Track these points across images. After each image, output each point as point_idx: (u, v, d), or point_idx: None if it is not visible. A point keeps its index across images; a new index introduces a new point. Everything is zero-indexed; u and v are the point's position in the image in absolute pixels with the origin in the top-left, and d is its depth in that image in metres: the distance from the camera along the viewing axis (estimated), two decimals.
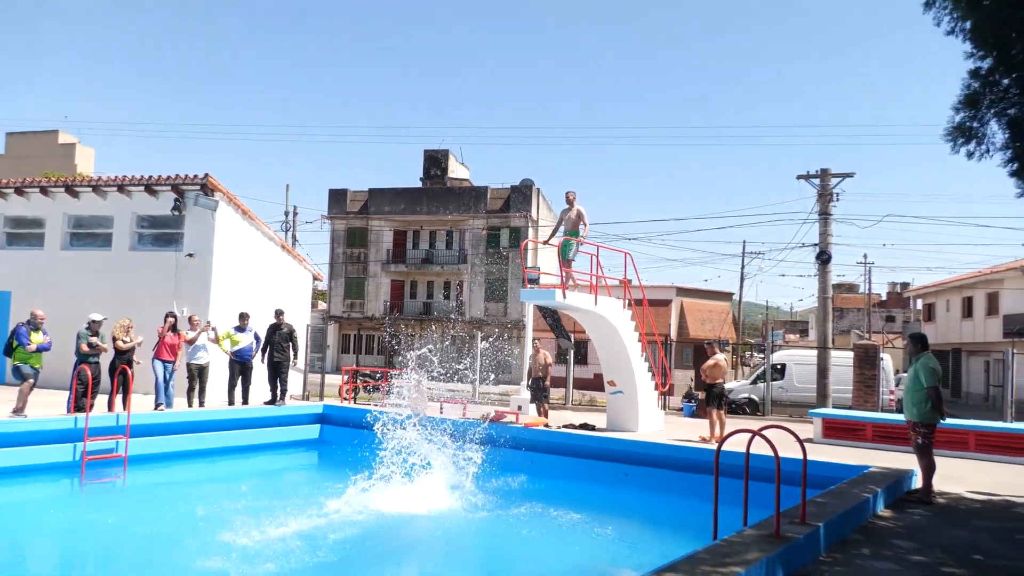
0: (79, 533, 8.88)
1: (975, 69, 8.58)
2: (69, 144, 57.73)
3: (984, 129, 8.67)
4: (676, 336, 39.35)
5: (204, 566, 7.40)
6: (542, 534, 8.99)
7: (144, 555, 7.86)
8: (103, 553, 8.09)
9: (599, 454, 12.36)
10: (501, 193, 44.23)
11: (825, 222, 23.78)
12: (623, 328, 13.91)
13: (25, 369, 11.87)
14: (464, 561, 7.86)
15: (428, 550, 8.19)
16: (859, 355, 19.22)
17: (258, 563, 7.52)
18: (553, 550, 8.40)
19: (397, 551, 8.13)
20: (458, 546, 8.36)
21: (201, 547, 8.03)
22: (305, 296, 22.55)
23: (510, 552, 8.32)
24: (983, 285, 37.93)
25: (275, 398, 14.77)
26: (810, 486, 6.87)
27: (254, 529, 8.94)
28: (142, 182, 18.21)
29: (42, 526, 9.17)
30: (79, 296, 17.72)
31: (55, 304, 17.46)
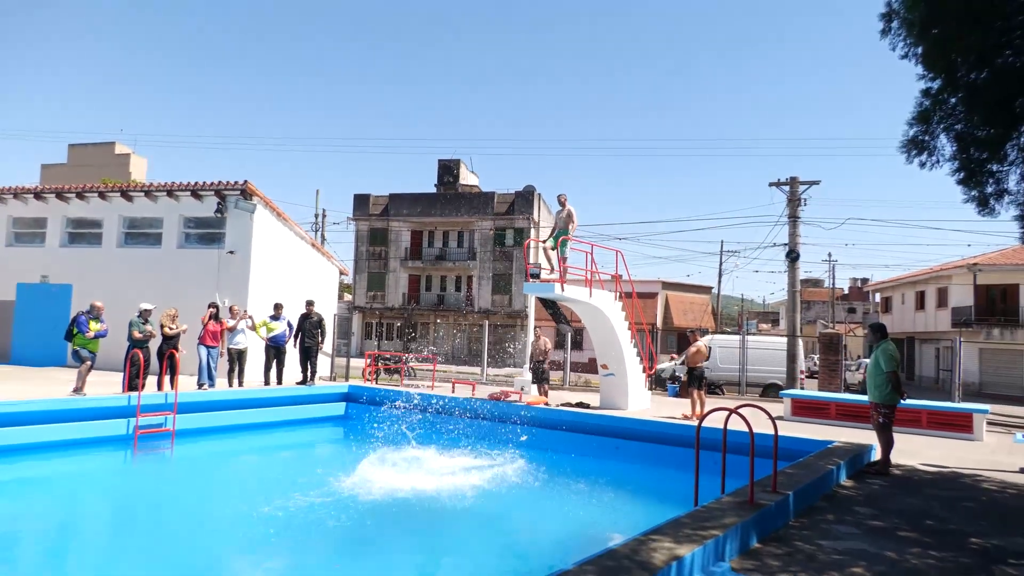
0: (132, 498, 8.90)
1: (926, 89, 8.57)
2: (124, 154, 57.76)
3: (935, 142, 8.66)
4: (661, 325, 39.28)
5: (244, 528, 7.42)
6: (542, 500, 8.99)
7: (190, 518, 7.88)
8: (154, 516, 8.10)
9: (593, 429, 12.35)
10: (507, 198, 44.15)
11: (794, 224, 23.72)
12: (615, 317, 13.88)
13: (83, 353, 11.90)
14: (468, 524, 7.86)
15: (437, 513, 8.19)
16: (824, 342, 19.14)
17: (290, 525, 7.53)
18: (552, 514, 8.40)
19: (411, 515, 8.12)
20: (464, 511, 8.36)
21: (241, 511, 8.06)
22: (332, 288, 22.55)
23: (513, 515, 8.31)
24: (934, 281, 37.79)
25: (306, 379, 14.78)
26: (781, 459, 6.85)
27: (286, 495, 8.96)
28: (188, 188, 18.20)
29: (100, 492, 9.21)
30: (132, 289, 17.74)
31: (111, 296, 17.50)
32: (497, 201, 44.12)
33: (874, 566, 4.82)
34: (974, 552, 5.29)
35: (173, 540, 7.19)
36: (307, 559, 6.71)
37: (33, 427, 10.28)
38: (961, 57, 7.97)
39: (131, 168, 56.28)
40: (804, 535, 5.50)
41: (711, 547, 4.55)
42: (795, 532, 5.58)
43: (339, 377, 18.54)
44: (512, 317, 42.78)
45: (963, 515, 6.41)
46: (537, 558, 6.87)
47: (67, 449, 10.50)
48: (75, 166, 55.78)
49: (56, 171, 55.83)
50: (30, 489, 9.01)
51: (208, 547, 6.86)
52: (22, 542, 7.09)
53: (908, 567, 4.85)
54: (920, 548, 5.30)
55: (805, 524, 5.83)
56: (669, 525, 4.90)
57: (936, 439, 11.66)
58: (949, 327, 34.51)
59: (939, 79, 8.35)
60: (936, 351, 37.83)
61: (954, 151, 8.59)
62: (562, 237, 13.16)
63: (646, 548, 4.31)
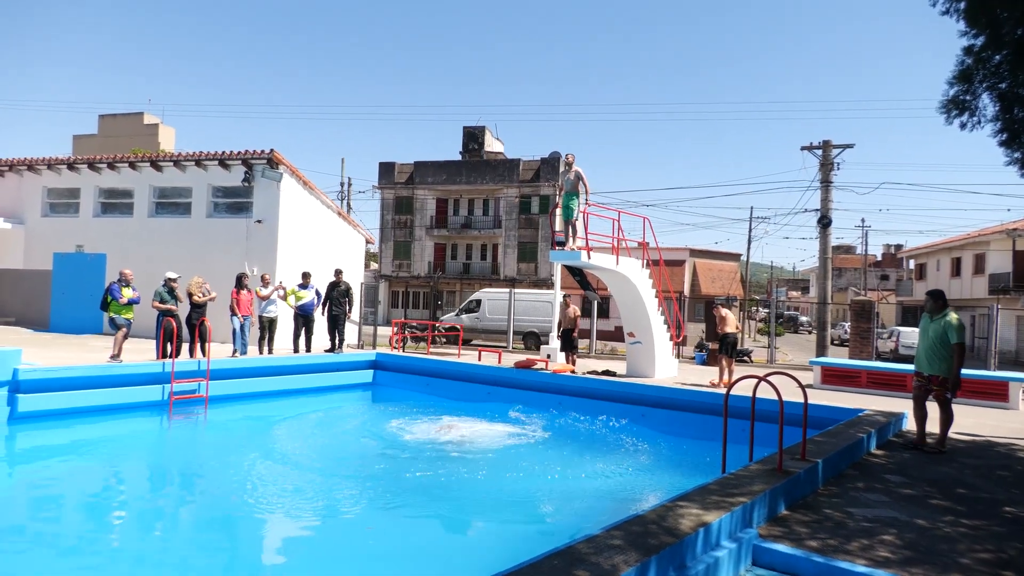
0: (168, 461, 9.17)
1: (968, 46, 8.24)
2: (153, 124, 58.31)
3: (976, 102, 8.35)
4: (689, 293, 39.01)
5: (271, 487, 7.61)
6: (569, 467, 9.07)
7: (223, 480, 8.10)
8: (189, 479, 8.35)
9: (620, 397, 12.38)
10: (532, 165, 43.83)
11: (826, 189, 23.25)
12: (642, 285, 13.81)
13: (119, 320, 12.20)
14: (493, 490, 7.97)
15: (462, 478, 8.31)
16: (855, 309, 18.87)
17: (322, 487, 7.71)
18: (578, 481, 8.47)
19: (436, 480, 8.25)
20: (490, 477, 8.46)
21: (268, 473, 8.25)
22: (359, 257, 22.71)
23: (540, 482, 8.41)
24: (971, 247, 36.90)
25: (334, 347, 14.98)
26: (810, 427, 6.82)
27: (318, 458, 9.16)
28: (216, 157, 18.34)
29: (138, 454, 9.49)
30: (163, 257, 18.05)
31: (143, 265, 17.83)
32: (522, 168, 43.83)
33: (904, 533, 4.80)
34: (1007, 520, 5.23)
35: (210, 500, 7.42)
36: (337, 516, 6.88)
37: (78, 392, 10.59)
38: (1006, 12, 7.65)
39: (160, 138, 56.85)
40: (833, 503, 5.48)
41: (739, 514, 4.56)
42: (824, 500, 5.57)
43: (367, 345, 18.77)
44: (538, 285, 42.76)
45: (997, 484, 6.33)
46: (565, 523, 6.96)
47: (108, 414, 10.82)
48: (106, 136, 56.51)
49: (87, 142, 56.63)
50: (77, 451, 9.33)
51: (243, 507, 7.05)
52: (70, 502, 7.37)
53: (940, 535, 4.82)
54: (952, 516, 5.26)
55: (834, 492, 5.81)
56: (697, 492, 4.92)
57: (970, 407, 11.50)
58: (986, 294, 33.75)
59: (982, 36, 8.03)
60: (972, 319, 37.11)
61: (997, 111, 8.29)
62: (571, 202, 12.90)
63: (673, 514, 4.33)
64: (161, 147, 53.16)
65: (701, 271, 40.82)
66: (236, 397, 12.57)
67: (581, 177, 12.87)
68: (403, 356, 16.01)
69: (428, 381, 14.77)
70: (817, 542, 4.55)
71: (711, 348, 17.82)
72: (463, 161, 46.08)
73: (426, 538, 6.55)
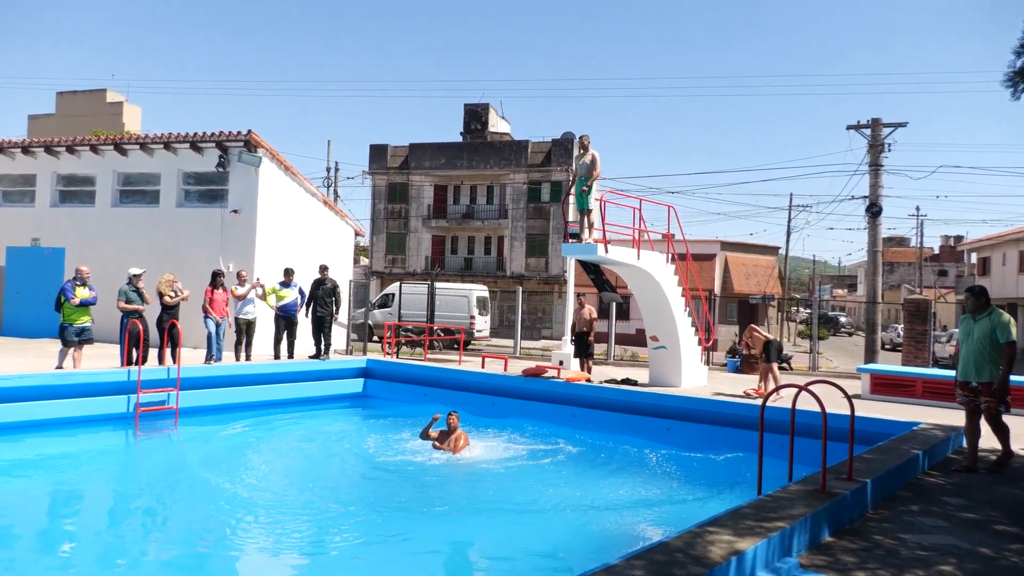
0: (131, 484, 9.19)
1: None
2: (117, 103, 58.56)
3: None
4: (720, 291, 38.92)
5: (251, 516, 7.62)
6: (585, 489, 9.05)
7: (194, 505, 8.11)
8: (155, 502, 8.36)
9: (641, 409, 12.35)
10: (542, 147, 43.80)
11: (876, 173, 23.14)
12: (666, 283, 13.77)
13: (68, 334, 11.95)
14: (506, 514, 7.96)
15: (470, 502, 8.31)
16: (909, 309, 18.78)
17: (305, 513, 7.72)
18: (596, 504, 8.46)
19: (442, 504, 8.25)
20: (501, 499, 8.46)
21: (248, 498, 8.27)
22: (347, 251, 22.75)
23: (553, 504, 8.39)
24: None
25: (319, 352, 15.02)
26: (858, 442, 6.78)
27: (299, 480, 9.17)
28: (187, 139, 18.41)
29: (97, 475, 9.51)
30: (129, 252, 18.12)
31: (106, 260, 17.92)
32: (531, 151, 43.81)
33: (966, 563, 4.77)
34: None
35: (179, 532, 7.42)
36: (323, 548, 6.89)
37: (26, 404, 10.60)
38: None
39: (124, 118, 57.07)
40: (884, 528, 5.45)
41: (776, 540, 4.54)
42: (873, 524, 5.54)
43: (356, 351, 18.81)
44: (549, 283, 42.77)
45: None
46: (580, 551, 6.95)
47: (65, 428, 10.85)
48: (64, 116, 56.80)
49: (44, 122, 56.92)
50: (24, 472, 9.34)
51: (214, 536, 7.06)
52: (15, 532, 7.38)
53: (1007, 565, 4.79)
54: (1020, 544, 5.22)
55: (885, 516, 5.78)
56: (728, 516, 4.90)
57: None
58: None
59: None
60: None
61: None
62: (583, 188, 12.87)
63: (702, 541, 4.31)
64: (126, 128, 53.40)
65: (734, 266, 40.71)
66: (210, 409, 12.61)
67: (595, 161, 12.83)
68: (397, 363, 16.01)
69: (425, 391, 14.77)
70: (865, 573, 4.52)
71: (746, 353, 17.76)
72: (464, 143, 46.09)
73: (423, 572, 6.55)
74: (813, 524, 5.03)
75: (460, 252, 46.06)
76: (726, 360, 19.59)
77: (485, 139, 46.14)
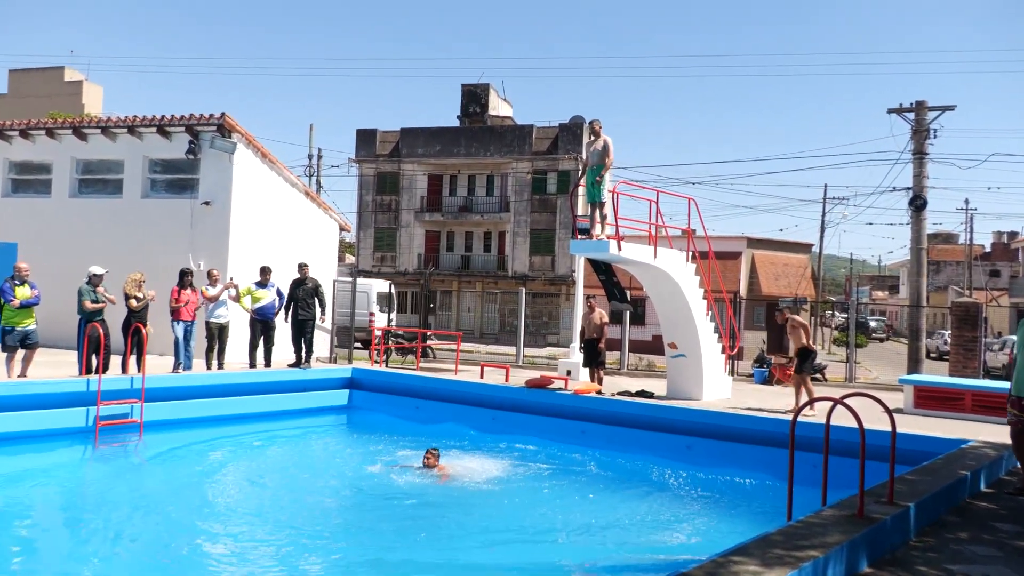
0: (89, 506, 9.16)
1: None
2: (76, 82, 58.68)
3: None
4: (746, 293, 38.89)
5: (220, 546, 7.62)
6: (597, 514, 9.05)
7: (158, 530, 8.09)
8: (114, 528, 8.30)
9: (659, 425, 12.35)
10: (548, 132, 43.83)
11: (920, 162, 23.12)
12: (686, 284, 13.76)
13: (10, 339, 11.87)
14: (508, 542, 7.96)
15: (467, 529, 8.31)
16: (958, 314, 18.75)
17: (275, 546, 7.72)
18: (609, 531, 8.46)
19: (434, 532, 8.25)
20: (502, 526, 8.46)
21: (217, 524, 8.27)
22: (331, 248, 22.76)
23: (562, 533, 8.39)
24: None
25: (300, 360, 15.02)
26: (900, 462, 6.76)
27: (276, 505, 9.17)
28: (154, 123, 18.41)
29: (51, 496, 9.51)
30: (89, 247, 18.09)
31: (64, 256, 17.92)
32: (536, 137, 43.85)
33: None
34: None
35: (138, 557, 7.40)
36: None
37: None
38: None
39: (84, 99, 57.20)
40: (928, 557, 5.45)
41: (808, 571, 4.54)
42: (917, 554, 5.53)
43: (341, 358, 18.81)
44: (555, 284, 42.79)
45: None
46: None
47: (13, 444, 10.83)
48: (17, 97, 56.92)
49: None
50: None
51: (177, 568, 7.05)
52: None
53: None
54: None
55: (930, 544, 5.77)
56: (756, 544, 4.89)
57: None
58: None
59: None
60: None
61: None
62: (595, 178, 12.85)
63: (726, 572, 4.31)
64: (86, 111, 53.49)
65: (762, 265, 40.69)
66: (178, 423, 12.62)
67: (608, 148, 12.83)
68: (386, 372, 16.01)
69: (417, 404, 14.77)
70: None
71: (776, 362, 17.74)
72: (462, 128, 46.13)
73: None
74: (850, 553, 5.02)
75: (456, 249, 46.10)
76: (752, 370, 19.59)
77: (485, 123, 46.17)
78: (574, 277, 29.49)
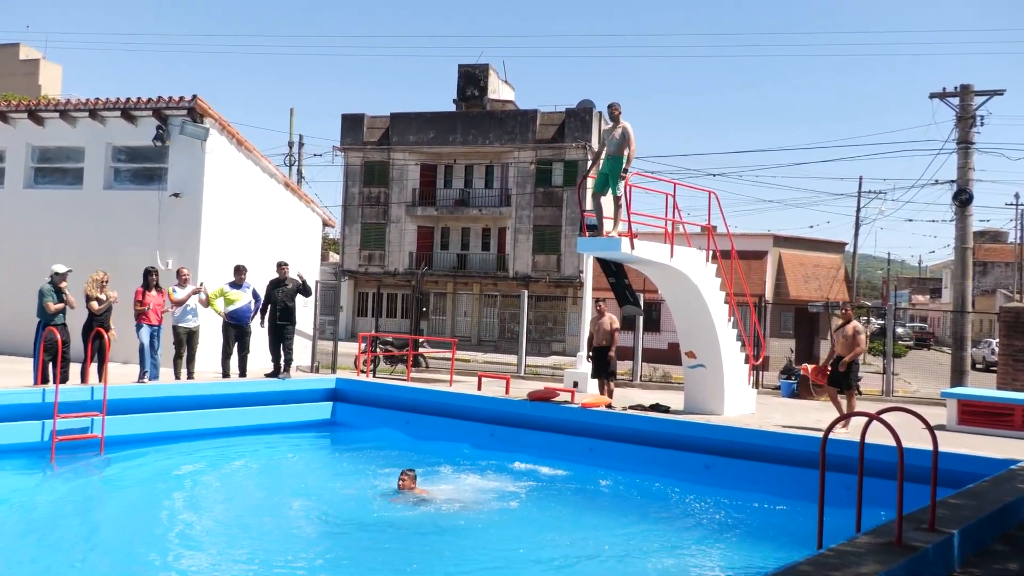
0: (45, 530, 9.12)
1: None
2: (32, 60, 58.74)
3: None
4: (772, 296, 38.89)
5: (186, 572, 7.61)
6: (607, 540, 9.05)
7: (116, 559, 8.07)
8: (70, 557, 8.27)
9: (675, 442, 12.34)
10: (554, 118, 43.85)
11: (965, 152, 23.09)
12: (706, 286, 13.76)
13: None
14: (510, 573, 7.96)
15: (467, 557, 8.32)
16: (1007, 320, 18.73)
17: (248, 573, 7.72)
18: (622, 560, 8.47)
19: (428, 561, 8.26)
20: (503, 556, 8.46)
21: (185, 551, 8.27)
22: (314, 246, 22.76)
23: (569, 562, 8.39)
24: None
25: (278, 369, 15.01)
26: (942, 484, 6.76)
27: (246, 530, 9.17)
28: (118, 106, 18.41)
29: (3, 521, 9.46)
30: (45, 244, 18.10)
31: (17, 253, 17.94)
32: (540, 123, 43.87)
33: None
34: None
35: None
36: None
37: None
38: None
39: (41, 79, 57.27)
40: None
41: None
42: None
43: (324, 367, 18.81)
44: (561, 286, 42.79)
45: None
46: None
47: None
48: None
49: None
50: None
51: None
52: None
53: None
54: None
55: (975, 574, 5.76)
56: (783, 574, 4.89)
57: None
58: None
59: None
60: None
61: None
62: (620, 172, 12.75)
63: None
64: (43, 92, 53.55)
65: (789, 266, 40.69)
66: (143, 438, 12.62)
67: (628, 136, 12.66)
68: (374, 383, 15.99)
69: (408, 418, 14.76)
70: None
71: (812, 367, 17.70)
72: (458, 113, 46.15)
73: None
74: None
75: (452, 247, 46.11)
76: (779, 382, 19.58)
77: (484, 108, 46.19)
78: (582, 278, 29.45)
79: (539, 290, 42.00)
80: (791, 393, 18.32)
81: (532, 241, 43.88)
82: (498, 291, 44.07)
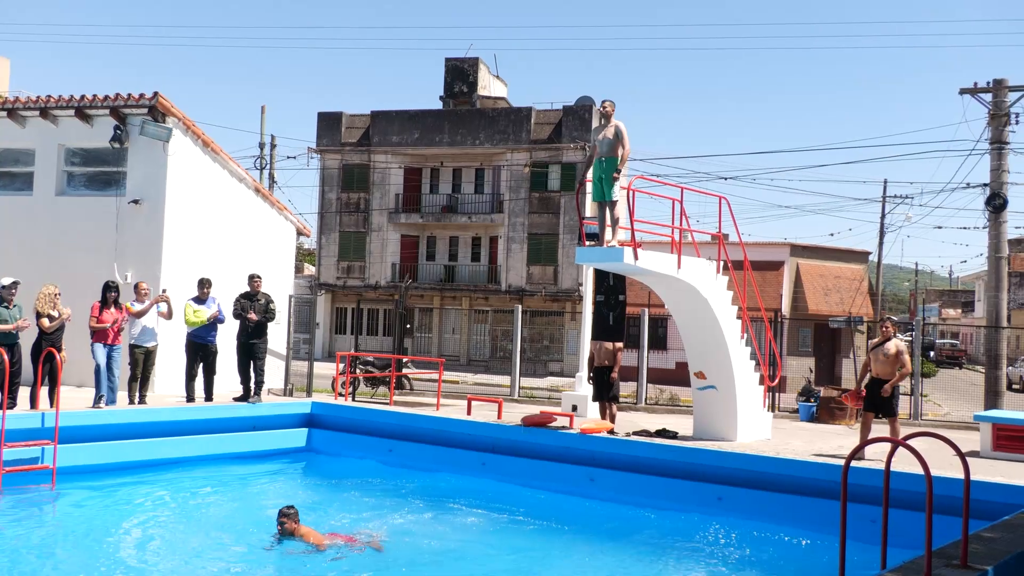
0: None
1: None
2: None
3: None
4: (789, 311, 38.97)
5: None
6: None
7: None
8: None
9: (683, 471, 12.35)
10: (550, 116, 43.95)
11: (999, 154, 23.19)
12: (716, 300, 13.79)
13: None
14: None
15: None
16: None
17: None
18: None
19: None
20: None
21: None
22: (287, 257, 22.75)
23: None
24: None
25: (248, 392, 14.98)
26: (974, 516, 6.77)
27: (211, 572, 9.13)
28: (72, 104, 18.40)
29: None
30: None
31: None
32: (535, 121, 43.97)
33: None
34: None
35: None
36: None
37: None
38: None
39: None
40: None
41: None
42: None
43: (298, 390, 18.77)
44: (558, 300, 42.78)
45: None
46: None
47: None
48: None
49: None
50: None
51: None
52: None
53: None
54: None
55: None
56: None
57: None
58: None
59: None
60: None
61: None
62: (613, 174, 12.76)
63: None
64: None
65: (808, 277, 40.79)
66: (98, 469, 12.57)
67: (621, 135, 12.71)
68: (353, 408, 15.96)
69: (391, 446, 14.73)
70: None
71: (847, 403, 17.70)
72: (446, 111, 46.23)
73: None
74: None
75: (439, 258, 46.10)
76: (797, 404, 19.60)
77: (473, 106, 46.28)
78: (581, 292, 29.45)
79: (534, 305, 42.01)
80: (810, 417, 18.33)
81: (527, 251, 43.87)
82: (489, 306, 44.04)
